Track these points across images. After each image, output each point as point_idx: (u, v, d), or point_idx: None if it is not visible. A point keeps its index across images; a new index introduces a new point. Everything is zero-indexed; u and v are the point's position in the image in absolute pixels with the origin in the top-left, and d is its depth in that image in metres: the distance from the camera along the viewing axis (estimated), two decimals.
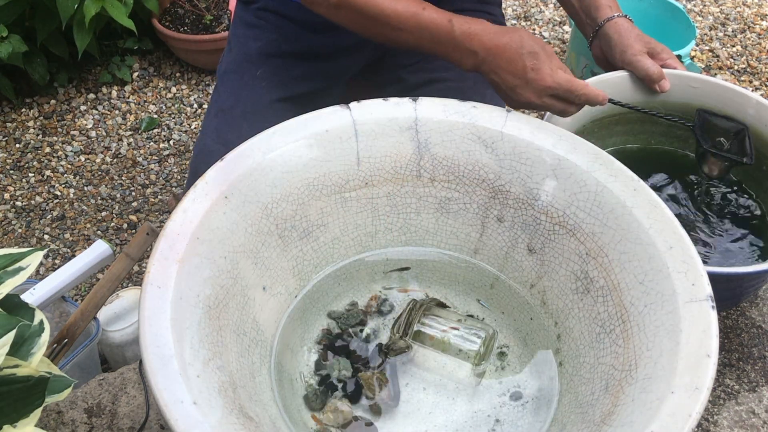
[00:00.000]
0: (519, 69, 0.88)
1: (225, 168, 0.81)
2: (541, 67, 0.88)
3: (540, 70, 0.88)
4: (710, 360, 0.66)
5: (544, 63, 0.88)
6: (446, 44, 0.91)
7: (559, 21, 2.19)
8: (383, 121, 0.88)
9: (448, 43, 0.90)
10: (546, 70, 0.88)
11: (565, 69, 0.91)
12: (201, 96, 1.97)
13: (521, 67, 0.88)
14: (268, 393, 0.78)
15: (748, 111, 1.06)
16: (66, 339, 0.97)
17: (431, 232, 0.93)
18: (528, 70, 0.88)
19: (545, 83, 0.88)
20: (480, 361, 0.82)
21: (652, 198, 0.79)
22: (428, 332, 0.83)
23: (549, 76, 0.88)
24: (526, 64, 0.88)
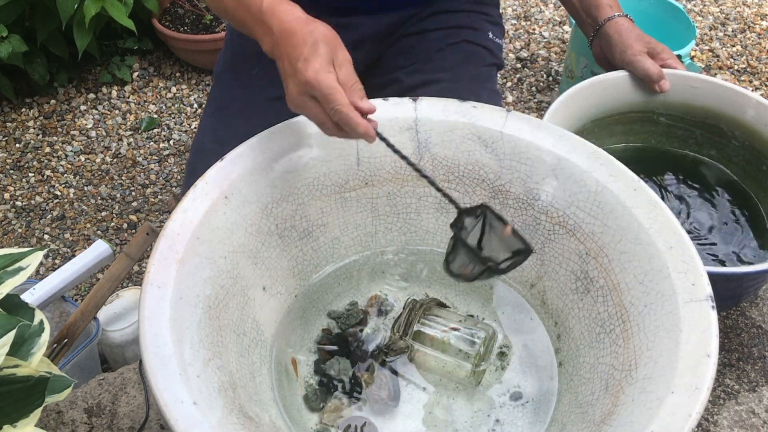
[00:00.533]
0: (295, 55, 0.75)
1: (225, 168, 0.81)
2: (312, 59, 0.73)
3: (309, 62, 0.73)
4: (710, 360, 0.66)
5: (318, 57, 0.74)
6: (253, 16, 0.81)
7: (559, 21, 2.19)
8: (383, 121, 0.87)
9: (255, 15, 0.81)
10: (315, 64, 0.73)
11: (348, 78, 0.75)
12: (201, 96, 1.97)
13: (296, 55, 0.75)
14: (268, 393, 0.78)
15: (748, 111, 1.06)
16: (66, 339, 0.97)
17: (431, 232, 0.93)
18: (300, 59, 0.74)
19: (305, 77, 0.73)
20: (480, 361, 0.82)
21: (652, 198, 0.79)
22: (428, 332, 0.83)
23: (313, 71, 0.73)
24: (302, 52, 0.74)
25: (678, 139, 1.13)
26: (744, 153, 1.08)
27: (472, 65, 1.14)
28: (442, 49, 1.14)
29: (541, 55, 2.07)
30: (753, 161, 1.07)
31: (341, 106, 0.72)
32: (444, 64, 1.13)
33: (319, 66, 0.73)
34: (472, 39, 1.15)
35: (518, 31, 2.16)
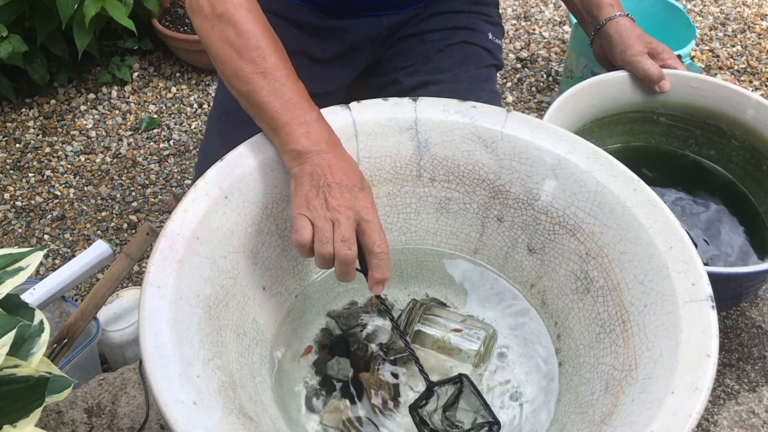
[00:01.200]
0: (355, 174, 0.77)
1: (225, 168, 0.81)
2: (369, 194, 0.76)
3: (367, 192, 0.76)
4: (710, 360, 0.66)
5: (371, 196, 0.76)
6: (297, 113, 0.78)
7: (559, 21, 2.19)
8: (383, 121, 0.88)
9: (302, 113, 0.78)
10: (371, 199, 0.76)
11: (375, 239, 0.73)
12: (201, 96, 1.97)
13: (358, 176, 0.77)
14: (268, 393, 0.78)
15: (747, 111, 1.06)
16: (66, 339, 0.98)
17: (431, 232, 0.93)
18: (363, 180, 0.77)
19: (370, 200, 0.75)
20: (480, 361, 0.82)
21: (652, 198, 0.79)
22: (428, 332, 0.83)
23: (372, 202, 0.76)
24: (361, 177, 0.77)
25: (678, 139, 1.13)
26: (744, 153, 1.08)
27: (472, 66, 1.14)
28: (441, 50, 1.14)
29: (541, 55, 2.07)
30: (753, 161, 1.07)
31: (387, 246, 0.73)
32: (443, 65, 1.13)
33: (373, 203, 0.75)
34: (471, 40, 1.15)
35: (518, 31, 2.16)
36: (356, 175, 0.77)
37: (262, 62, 0.79)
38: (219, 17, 0.81)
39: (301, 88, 0.81)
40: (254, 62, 0.79)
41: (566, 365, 0.81)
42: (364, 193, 0.76)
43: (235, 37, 0.80)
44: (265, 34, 0.81)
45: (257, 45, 0.80)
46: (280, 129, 0.78)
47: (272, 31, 0.83)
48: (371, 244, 0.73)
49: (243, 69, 0.80)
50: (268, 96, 0.79)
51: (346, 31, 1.13)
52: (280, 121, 0.78)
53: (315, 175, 0.75)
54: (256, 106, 0.80)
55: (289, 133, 0.78)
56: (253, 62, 0.79)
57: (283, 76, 0.80)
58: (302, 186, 0.75)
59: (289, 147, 0.78)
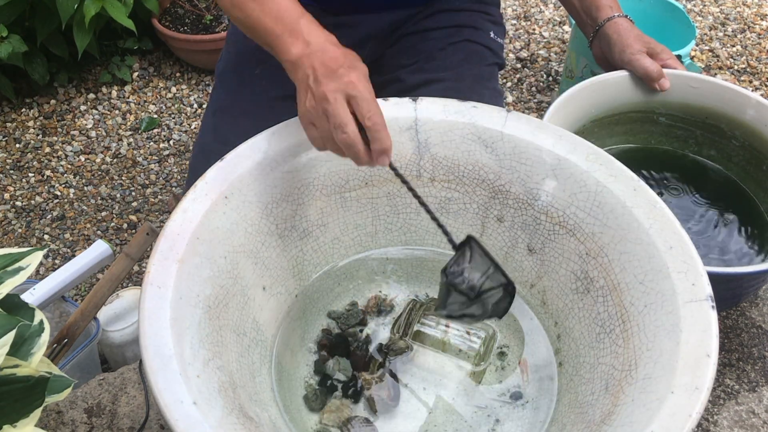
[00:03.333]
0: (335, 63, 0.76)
1: (225, 168, 0.81)
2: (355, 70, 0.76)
3: (352, 70, 0.76)
4: (710, 360, 0.66)
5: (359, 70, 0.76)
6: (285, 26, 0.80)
7: (559, 21, 2.19)
8: None
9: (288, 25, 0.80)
10: (359, 73, 0.76)
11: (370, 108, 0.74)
12: (201, 96, 1.97)
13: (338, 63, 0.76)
14: (268, 393, 0.78)
15: (747, 111, 1.06)
16: (66, 339, 0.97)
17: (431, 232, 0.93)
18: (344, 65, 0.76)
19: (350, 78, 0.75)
20: (480, 361, 0.82)
21: (652, 198, 0.79)
22: (428, 332, 0.83)
23: (356, 77, 0.75)
24: (344, 62, 0.76)
25: (678, 139, 1.13)
26: (744, 153, 1.08)
27: (474, 64, 1.14)
28: (443, 49, 1.14)
29: (541, 55, 2.07)
30: (753, 161, 1.07)
31: (380, 115, 0.73)
32: (446, 64, 1.13)
33: (363, 76, 0.76)
34: (473, 38, 1.15)
35: (518, 31, 2.16)
36: (342, 58, 0.77)
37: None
38: None
39: (288, 1, 0.83)
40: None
41: (566, 365, 0.81)
42: (351, 69, 0.76)
43: None
44: None
45: None
46: (274, 43, 0.81)
47: None
48: (362, 118, 0.73)
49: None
50: (260, 15, 0.82)
51: (348, 28, 1.13)
52: (272, 36, 0.81)
53: (304, 77, 0.77)
54: (252, 30, 0.84)
55: (281, 44, 0.80)
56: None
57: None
58: (299, 94, 0.77)
59: (284, 58, 0.80)
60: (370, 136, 0.73)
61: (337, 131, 0.73)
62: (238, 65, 1.14)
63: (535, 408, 0.79)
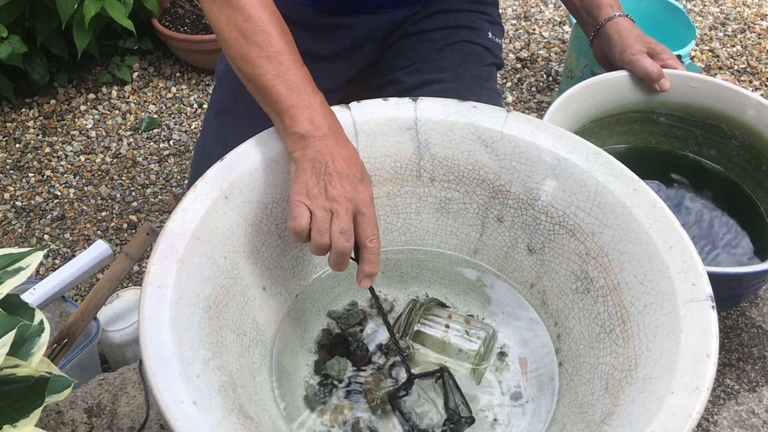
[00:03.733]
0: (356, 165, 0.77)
1: (225, 168, 0.81)
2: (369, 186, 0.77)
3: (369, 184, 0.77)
4: (710, 360, 0.66)
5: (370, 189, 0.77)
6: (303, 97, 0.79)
7: (559, 21, 2.19)
8: (383, 121, 0.88)
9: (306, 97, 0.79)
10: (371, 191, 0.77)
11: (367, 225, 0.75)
12: (201, 96, 1.97)
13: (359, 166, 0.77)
14: (268, 393, 0.78)
15: (747, 111, 1.06)
16: (66, 339, 0.97)
17: (431, 232, 0.93)
18: (364, 171, 0.78)
19: (370, 193, 0.76)
20: (480, 361, 0.82)
21: (652, 198, 0.79)
22: (428, 332, 0.83)
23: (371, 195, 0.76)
24: (362, 169, 0.78)
25: (678, 139, 1.13)
26: (744, 153, 1.08)
27: (473, 65, 1.14)
28: (442, 49, 1.14)
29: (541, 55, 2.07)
30: (753, 161, 1.07)
31: (379, 241, 0.75)
32: (444, 64, 1.13)
33: (371, 193, 0.76)
34: (471, 39, 1.15)
35: (518, 31, 2.16)
36: (357, 165, 0.77)
37: (268, 46, 0.80)
38: (227, 1, 0.82)
39: (306, 73, 0.81)
40: (260, 46, 0.80)
41: (566, 365, 0.81)
42: (364, 184, 0.76)
43: (242, 21, 0.81)
44: (272, 18, 0.82)
45: (264, 29, 0.80)
46: (284, 112, 0.79)
47: (279, 16, 0.84)
48: (365, 238, 0.74)
49: (249, 53, 0.80)
50: (273, 79, 0.79)
51: (346, 29, 1.13)
52: (284, 105, 0.79)
53: (316, 162, 0.75)
54: (261, 90, 0.81)
55: (293, 116, 0.78)
56: (259, 46, 0.80)
57: (288, 61, 0.80)
58: (303, 172, 0.76)
59: (293, 130, 0.78)
60: (364, 257, 0.74)
61: (340, 237, 0.72)
62: None
63: (535, 408, 0.79)
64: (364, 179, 0.77)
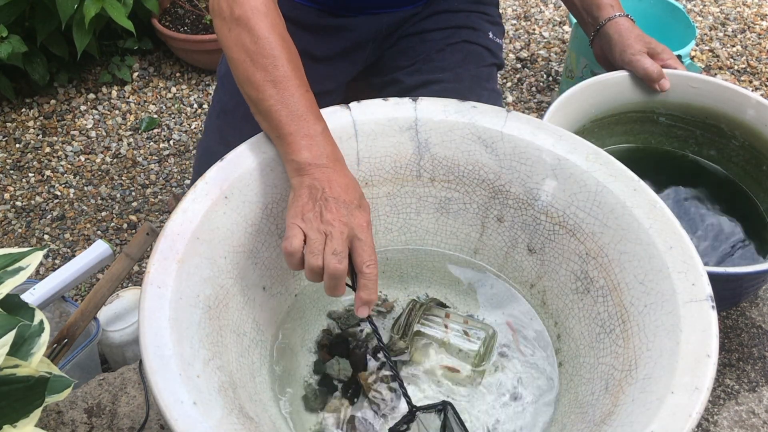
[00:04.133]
0: (355, 192, 0.77)
1: (225, 168, 0.81)
2: (367, 212, 0.76)
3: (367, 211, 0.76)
4: (710, 360, 0.66)
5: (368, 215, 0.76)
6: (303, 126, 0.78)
7: (559, 21, 2.19)
8: (383, 121, 0.88)
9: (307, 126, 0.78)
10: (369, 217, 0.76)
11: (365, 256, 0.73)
12: (201, 96, 1.97)
13: (358, 193, 0.77)
14: (268, 393, 0.78)
15: (747, 111, 1.06)
16: (66, 339, 0.97)
17: (431, 232, 0.93)
18: (362, 198, 0.77)
19: (368, 218, 0.75)
20: (480, 361, 0.82)
21: (652, 198, 0.79)
22: (428, 332, 0.83)
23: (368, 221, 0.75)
24: (361, 195, 0.77)
25: (678, 139, 1.13)
26: (744, 153, 1.08)
27: (473, 65, 1.14)
28: (442, 50, 1.14)
29: (541, 55, 2.07)
30: (753, 161, 1.07)
31: (377, 267, 0.72)
32: (444, 65, 1.13)
33: (368, 220, 0.75)
34: (472, 39, 1.16)
35: (518, 31, 2.16)
36: (355, 192, 0.77)
37: (273, 71, 0.79)
38: (236, 21, 0.81)
39: (310, 100, 0.80)
40: (266, 70, 0.79)
41: (566, 365, 0.81)
42: (361, 211, 0.75)
43: (250, 42, 0.80)
44: (280, 42, 0.81)
45: (271, 53, 0.80)
46: (284, 138, 0.78)
47: (288, 39, 0.83)
48: (361, 263, 0.72)
49: (255, 75, 0.80)
50: (276, 105, 0.79)
51: (347, 29, 1.13)
52: (284, 131, 0.78)
53: (313, 188, 0.75)
54: (264, 113, 0.80)
55: (292, 143, 0.78)
56: (265, 70, 0.79)
57: (293, 86, 0.79)
58: (300, 197, 0.75)
59: (291, 157, 0.78)
60: (361, 283, 0.72)
61: (333, 258, 0.71)
62: None
63: (535, 408, 0.79)
64: (361, 206, 0.76)
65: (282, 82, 0.79)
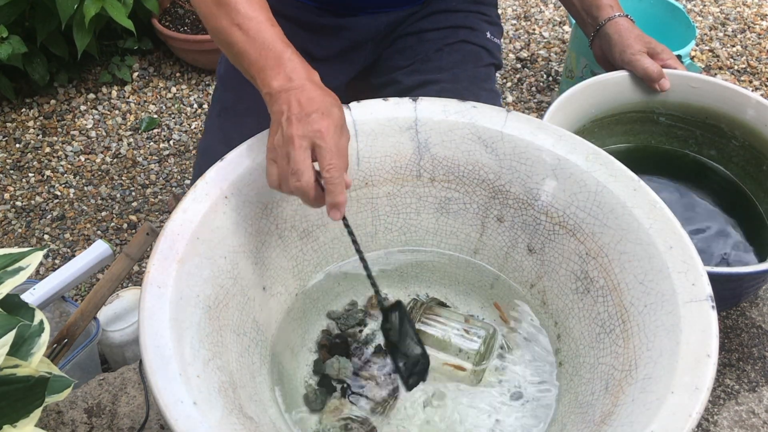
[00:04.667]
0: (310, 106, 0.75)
1: (225, 168, 0.81)
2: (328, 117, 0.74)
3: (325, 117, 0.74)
4: (710, 360, 0.66)
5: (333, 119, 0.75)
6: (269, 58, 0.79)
7: (559, 21, 2.19)
8: (383, 121, 0.88)
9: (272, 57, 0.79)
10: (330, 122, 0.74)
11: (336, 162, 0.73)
12: (201, 96, 1.97)
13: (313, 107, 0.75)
14: (268, 393, 0.78)
15: (747, 111, 1.06)
16: (66, 339, 0.97)
17: (431, 232, 0.93)
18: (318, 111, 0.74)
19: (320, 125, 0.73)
20: (480, 360, 0.82)
21: (652, 198, 0.79)
22: (428, 332, 0.83)
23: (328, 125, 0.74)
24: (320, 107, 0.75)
25: (678, 139, 1.13)
26: (744, 153, 1.08)
27: (471, 65, 1.14)
28: (440, 50, 1.14)
29: (541, 55, 2.07)
30: (753, 161, 1.07)
31: (339, 169, 0.72)
32: (442, 65, 1.13)
33: (334, 126, 0.74)
34: (470, 39, 1.15)
35: (518, 31, 2.16)
36: (321, 102, 0.75)
37: (235, 15, 0.81)
38: None
39: (275, 33, 0.81)
40: (229, 16, 0.82)
41: (566, 365, 0.81)
42: (324, 117, 0.74)
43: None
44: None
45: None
46: (256, 75, 0.80)
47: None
48: (322, 169, 0.72)
49: (221, 23, 0.82)
50: (244, 45, 0.81)
51: (346, 29, 1.13)
52: (255, 68, 0.80)
53: (279, 113, 0.76)
54: (237, 57, 0.83)
55: (263, 78, 0.79)
56: (228, 16, 0.82)
57: (255, 25, 0.81)
58: (271, 128, 0.76)
59: (264, 91, 0.79)
60: (326, 189, 0.72)
61: (292, 177, 0.72)
62: None
63: (535, 408, 0.79)
64: (324, 112, 0.74)
65: (244, 23, 0.81)
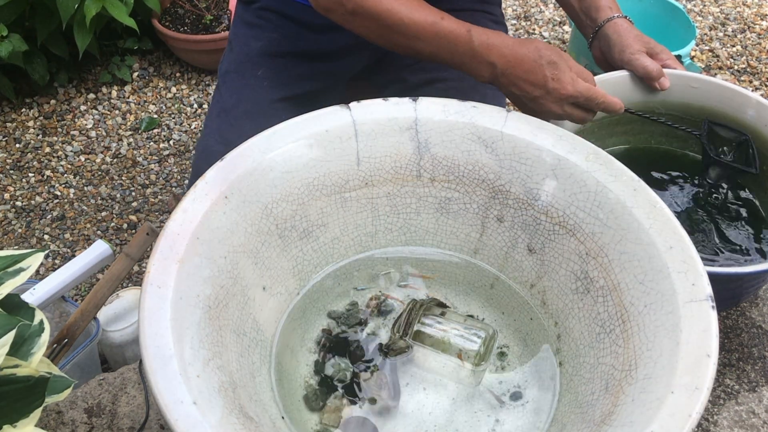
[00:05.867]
0: (539, 79, 0.89)
1: (225, 168, 0.81)
2: (562, 76, 0.89)
3: (560, 80, 0.89)
4: (710, 360, 0.66)
5: (564, 72, 0.89)
6: (464, 54, 0.90)
7: (559, 21, 2.19)
8: (383, 121, 0.88)
9: (465, 53, 0.90)
10: (566, 79, 0.89)
11: (586, 75, 0.93)
12: (201, 96, 1.97)
13: (542, 77, 0.89)
14: (268, 393, 0.78)
15: (748, 111, 1.06)
16: (66, 339, 0.98)
17: (431, 232, 0.93)
18: (549, 80, 0.89)
19: (567, 92, 0.90)
20: (480, 361, 0.82)
21: (652, 198, 0.79)
22: (428, 332, 0.83)
23: (570, 85, 0.89)
24: (546, 74, 0.89)
25: (678, 139, 1.13)
26: None
27: None
28: None
29: None
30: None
31: (603, 97, 0.92)
32: None
33: (570, 79, 0.90)
34: None
35: (518, 31, 2.16)
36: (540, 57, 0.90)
37: (406, 30, 0.90)
38: (352, 13, 0.91)
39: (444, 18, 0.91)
40: (400, 32, 0.90)
41: (566, 365, 0.81)
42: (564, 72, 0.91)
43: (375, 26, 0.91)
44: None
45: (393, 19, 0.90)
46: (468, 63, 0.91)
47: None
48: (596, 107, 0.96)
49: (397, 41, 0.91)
50: (434, 51, 0.91)
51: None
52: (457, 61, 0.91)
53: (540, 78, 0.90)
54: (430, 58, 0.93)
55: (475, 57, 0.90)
56: (400, 33, 0.90)
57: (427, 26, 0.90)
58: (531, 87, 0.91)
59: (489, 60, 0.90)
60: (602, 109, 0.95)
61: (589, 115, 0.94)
62: (240, 66, 1.14)
63: (535, 408, 0.79)
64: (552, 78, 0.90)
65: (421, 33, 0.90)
